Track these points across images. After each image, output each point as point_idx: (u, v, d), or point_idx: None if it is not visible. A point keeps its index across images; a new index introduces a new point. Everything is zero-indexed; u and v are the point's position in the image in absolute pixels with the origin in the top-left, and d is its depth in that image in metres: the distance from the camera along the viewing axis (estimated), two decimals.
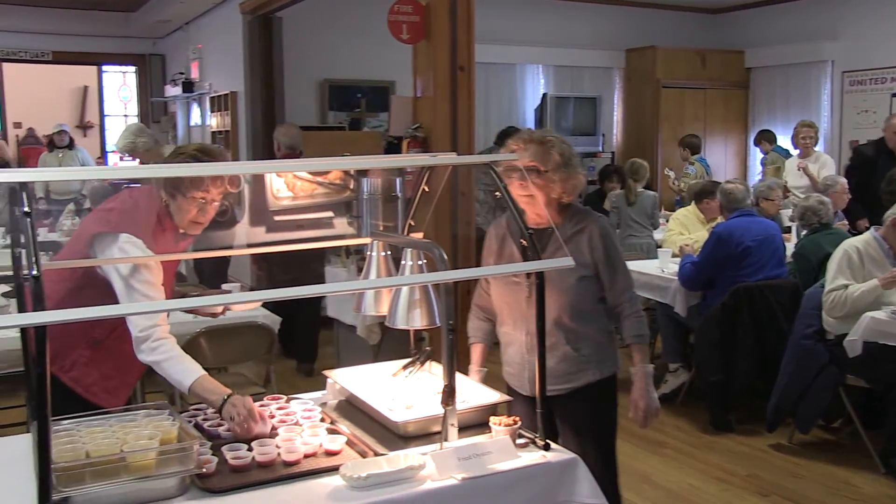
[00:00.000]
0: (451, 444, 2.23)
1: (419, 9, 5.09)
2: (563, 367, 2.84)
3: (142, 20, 11.25)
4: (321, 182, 3.27)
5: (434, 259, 2.30)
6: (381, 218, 3.75)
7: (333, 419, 2.52)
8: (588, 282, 2.83)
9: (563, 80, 10.54)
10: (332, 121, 8.95)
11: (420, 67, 5.26)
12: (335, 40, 8.80)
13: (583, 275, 2.81)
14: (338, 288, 4.51)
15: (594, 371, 2.87)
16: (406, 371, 2.71)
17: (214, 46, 9.74)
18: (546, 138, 2.82)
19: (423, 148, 5.16)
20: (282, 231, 3.15)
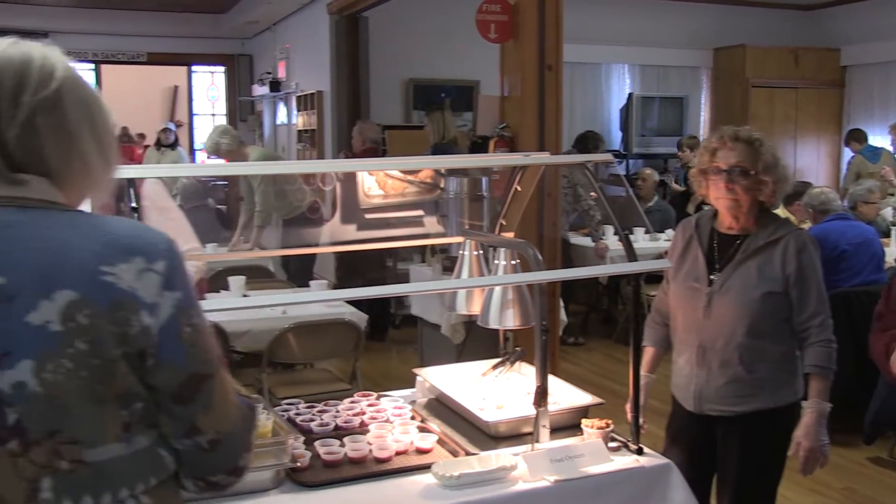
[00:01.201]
0: (543, 445, 2.21)
1: (507, 8, 5.06)
2: (731, 388, 2.60)
3: (231, 21, 11.50)
4: (412, 181, 3.29)
5: (528, 259, 2.29)
6: (468, 217, 3.74)
7: (423, 417, 2.52)
8: (775, 299, 2.57)
9: (650, 79, 10.40)
10: (416, 120, 9.00)
11: (507, 67, 5.24)
12: (420, 40, 8.84)
13: (769, 290, 2.56)
14: (433, 287, 4.50)
15: (767, 398, 2.59)
16: (496, 371, 2.69)
17: (301, 46, 9.89)
18: (754, 136, 2.58)
19: (509, 148, 5.13)
20: (372, 229, 3.19)
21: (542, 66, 5.04)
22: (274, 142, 11.19)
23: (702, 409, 2.65)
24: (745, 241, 2.61)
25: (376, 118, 8.53)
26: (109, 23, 11.57)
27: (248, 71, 12.41)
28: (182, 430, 1.30)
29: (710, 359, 2.61)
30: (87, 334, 1.19)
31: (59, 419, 1.19)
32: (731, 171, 2.54)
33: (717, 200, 2.61)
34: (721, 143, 2.59)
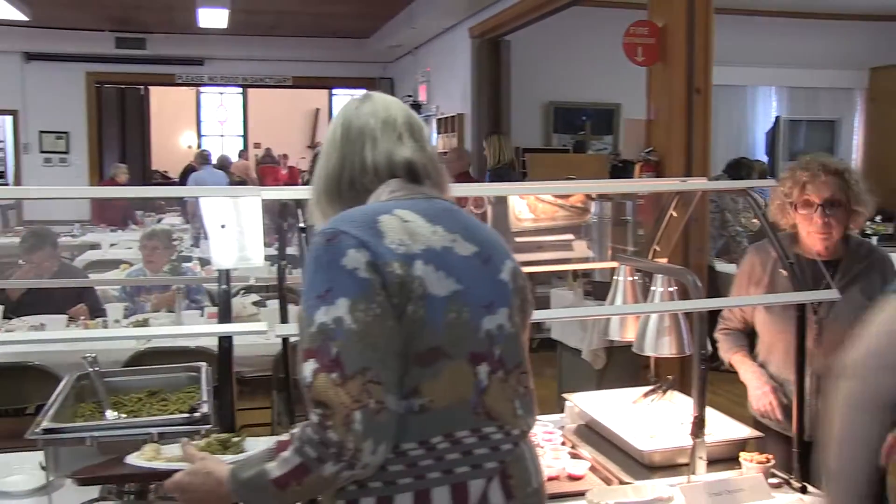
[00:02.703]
0: (700, 477, 2.16)
1: (655, 30, 5.01)
2: None
3: (374, 46, 11.82)
4: (562, 205, 3.29)
5: (688, 286, 2.25)
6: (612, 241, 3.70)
7: (574, 443, 2.51)
8: None
9: (798, 101, 10.05)
10: (556, 143, 9.00)
11: (654, 90, 5.18)
12: (561, 63, 8.84)
13: None
14: (592, 312, 4.45)
15: None
16: (648, 399, 2.65)
17: (442, 69, 10.06)
18: (843, 167, 2.60)
19: (656, 172, 5.06)
20: (521, 252, 3.20)
21: (690, 89, 4.96)
22: None
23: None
24: (838, 266, 2.58)
25: (516, 141, 8.58)
26: (258, 49, 12.10)
27: (389, 94, 12.66)
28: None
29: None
30: (520, 294, 1.63)
31: (520, 355, 1.59)
32: (824, 205, 2.52)
33: (809, 234, 2.58)
34: (811, 176, 2.57)
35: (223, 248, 2.20)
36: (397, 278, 1.41)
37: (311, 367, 1.36)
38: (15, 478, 2.27)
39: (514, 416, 1.54)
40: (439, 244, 1.49)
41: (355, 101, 1.68)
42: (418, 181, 1.60)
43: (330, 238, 1.45)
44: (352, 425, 1.33)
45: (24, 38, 11.18)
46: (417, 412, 1.43)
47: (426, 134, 1.68)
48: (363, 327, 1.37)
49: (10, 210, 10.96)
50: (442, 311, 1.45)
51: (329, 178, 1.63)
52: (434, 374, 1.44)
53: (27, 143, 11.92)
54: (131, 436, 1.94)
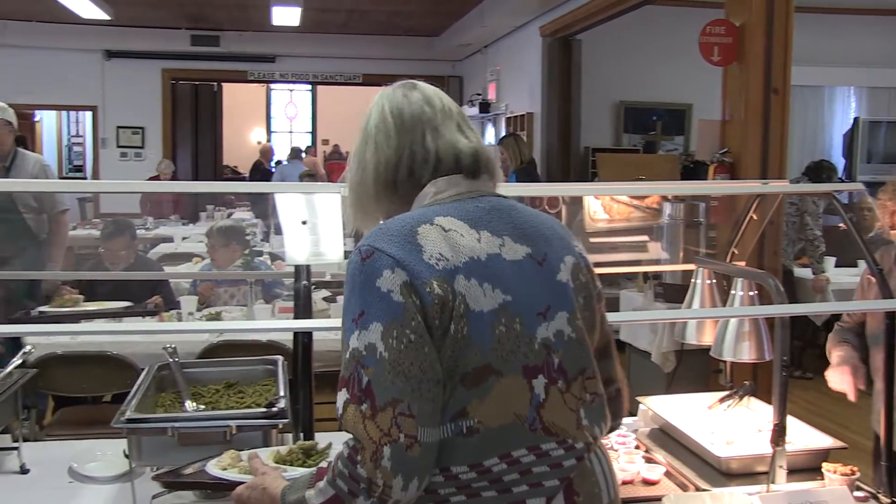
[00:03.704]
0: (780, 487, 2.11)
1: (733, 30, 4.92)
2: None
3: (444, 44, 11.84)
4: (637, 206, 3.25)
5: (769, 291, 2.20)
6: (683, 243, 3.63)
7: (648, 447, 2.47)
8: None
9: (878, 102, 9.75)
10: (626, 143, 8.90)
11: (730, 90, 5.08)
12: (632, 62, 8.74)
13: None
14: (671, 315, 4.40)
15: None
16: (724, 404, 2.60)
17: (512, 68, 10.03)
18: None
19: (730, 174, 4.96)
20: (595, 253, 3.17)
21: (767, 89, 4.86)
22: None
23: None
24: None
25: (586, 141, 8.52)
26: (328, 46, 12.21)
27: (458, 92, 12.71)
28: (606, 380, 1.58)
29: None
30: (584, 290, 1.52)
31: (585, 359, 1.48)
32: None
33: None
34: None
35: (302, 244, 2.21)
36: (436, 298, 1.32)
37: (343, 398, 1.31)
38: (98, 463, 2.33)
39: (578, 428, 1.44)
40: (484, 253, 1.39)
41: (399, 89, 1.57)
42: (478, 174, 1.51)
43: (365, 256, 1.36)
44: (380, 461, 1.26)
45: (105, 37, 11.48)
46: (465, 434, 1.34)
47: (470, 123, 1.61)
48: (396, 356, 1.29)
49: (87, 203, 11.26)
50: (489, 327, 1.35)
51: (383, 168, 1.51)
52: (482, 393, 1.35)
53: (105, 138, 12.24)
54: (210, 428, 1.97)
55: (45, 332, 2.81)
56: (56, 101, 12.41)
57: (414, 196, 1.50)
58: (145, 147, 12.30)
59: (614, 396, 1.60)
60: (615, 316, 2.05)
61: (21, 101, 11.43)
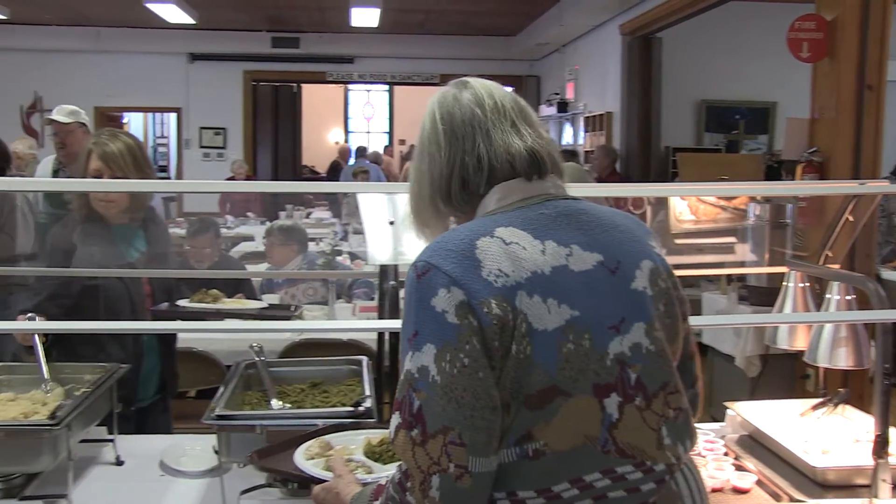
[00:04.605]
0: (883, 502, 2.02)
1: (823, 24, 4.77)
2: None
3: (521, 44, 11.79)
4: (724, 206, 3.17)
5: (869, 295, 2.11)
6: (769, 244, 3.53)
7: (738, 454, 2.41)
8: None
9: None
10: (707, 142, 8.73)
11: (820, 87, 4.93)
12: (715, 60, 8.57)
13: None
14: (764, 320, 4.31)
15: None
16: (817, 412, 2.52)
17: (590, 67, 9.93)
18: None
19: (819, 174, 4.82)
20: (680, 255, 3.10)
21: (861, 85, 4.71)
22: None
23: None
24: None
25: (666, 140, 8.38)
26: (406, 47, 12.29)
27: (536, 92, 12.65)
28: (688, 381, 1.50)
29: None
30: (664, 297, 1.40)
31: (666, 372, 1.37)
32: None
33: None
34: None
35: (386, 244, 2.22)
36: (495, 319, 1.23)
37: (395, 421, 1.26)
38: (188, 458, 2.37)
39: (658, 448, 1.33)
40: (548, 265, 1.29)
41: (451, 90, 1.47)
42: (542, 174, 1.41)
43: (420, 273, 1.28)
44: (429, 491, 1.22)
45: (189, 40, 11.77)
46: (532, 458, 1.26)
47: (533, 117, 1.47)
48: (448, 380, 1.22)
49: (171, 202, 11.55)
50: (554, 346, 1.26)
51: (437, 180, 1.43)
52: (548, 416, 1.26)
53: (188, 139, 12.54)
54: (297, 426, 1.99)
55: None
56: (143, 103, 12.77)
57: (476, 204, 1.42)
58: (227, 147, 12.56)
59: (692, 399, 1.51)
60: (704, 319, 2.00)
61: (111, 103, 11.84)
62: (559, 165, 1.45)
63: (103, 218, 2.76)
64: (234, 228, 9.06)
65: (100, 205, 2.72)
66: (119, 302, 2.73)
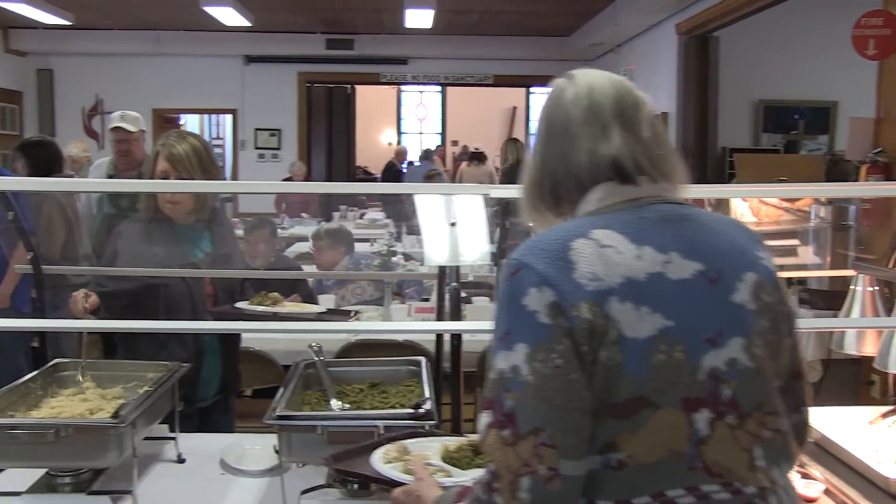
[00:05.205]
0: None
1: (892, 21, 4.65)
2: None
3: (575, 44, 11.72)
4: (787, 208, 3.11)
5: None
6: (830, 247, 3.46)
7: (803, 462, 2.35)
8: None
9: None
10: (765, 143, 8.58)
11: (886, 85, 4.81)
12: (773, 59, 8.41)
13: None
14: (832, 324, 4.21)
15: None
16: (887, 420, 2.45)
17: (645, 67, 9.82)
18: None
19: (884, 174, 4.70)
20: None
21: None
22: None
23: None
24: None
25: (723, 141, 8.26)
26: (460, 48, 12.29)
27: None
28: (794, 404, 1.43)
29: None
30: (769, 313, 1.33)
31: (764, 391, 1.30)
32: None
33: None
34: None
35: (443, 245, 2.21)
36: (585, 323, 1.21)
37: (485, 421, 1.25)
38: (248, 457, 2.39)
39: (750, 469, 1.27)
40: (644, 271, 1.25)
41: (559, 85, 1.43)
42: (630, 180, 1.35)
43: (512, 272, 1.27)
44: (517, 493, 1.19)
45: (245, 43, 11.91)
46: (615, 468, 1.24)
47: (644, 114, 1.40)
48: (541, 381, 1.20)
49: (227, 203, 11.71)
50: (645, 355, 1.22)
51: (533, 181, 1.42)
52: (634, 426, 1.23)
53: (244, 140, 12.69)
54: (358, 427, 2.00)
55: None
56: (199, 104, 12.96)
57: (570, 204, 1.39)
58: (281, 148, 12.69)
59: (798, 425, 1.45)
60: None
61: (168, 105, 12.04)
62: (657, 167, 1.38)
63: (170, 219, 2.81)
64: (288, 229, 9.15)
65: (166, 206, 2.77)
66: (180, 301, 2.77)
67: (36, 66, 12.08)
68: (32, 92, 12.09)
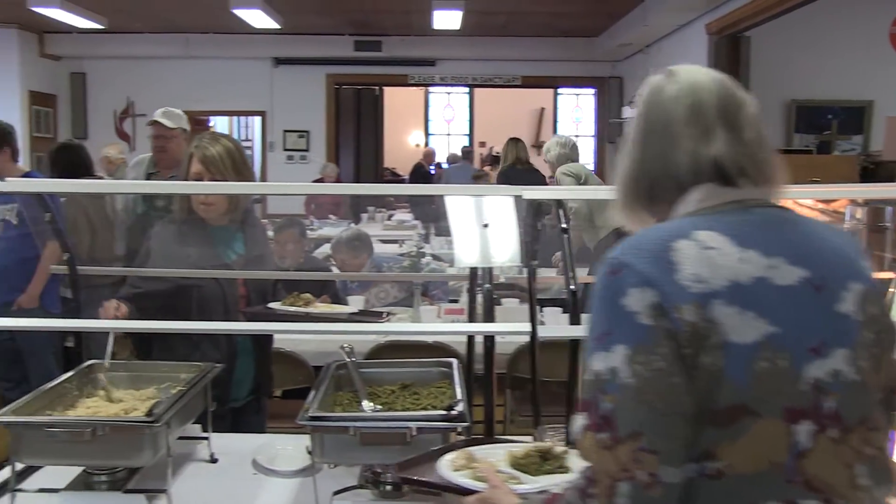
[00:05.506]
0: None
1: None
2: None
3: (604, 44, 11.66)
4: (822, 210, 3.08)
5: None
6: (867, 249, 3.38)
7: None
8: None
9: None
10: (797, 143, 8.49)
11: None
12: (806, 58, 8.31)
13: None
14: None
15: None
16: None
17: None
18: None
19: None
20: None
21: None
22: None
23: None
24: None
25: None
26: (488, 49, 12.27)
27: (618, 93, 12.50)
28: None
29: None
30: (874, 325, 1.29)
31: (867, 406, 1.26)
32: None
33: None
34: None
35: (474, 246, 2.21)
36: (688, 325, 1.18)
37: (582, 423, 1.22)
38: (280, 457, 2.40)
39: (852, 487, 1.23)
40: (750, 275, 1.21)
41: (658, 81, 1.40)
42: (732, 183, 1.31)
43: (612, 271, 1.24)
44: (615, 498, 1.17)
45: (274, 45, 11.97)
46: (712, 477, 1.20)
47: (747, 114, 1.35)
48: (641, 383, 1.17)
49: (256, 204, 11.78)
50: (748, 361, 1.19)
51: (628, 180, 1.39)
52: (734, 434, 1.19)
53: (272, 142, 12.76)
54: (390, 429, 2.00)
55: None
56: (229, 106, 13.04)
57: (668, 205, 1.35)
58: (310, 150, 12.74)
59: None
60: None
61: (198, 107, 12.11)
62: (760, 171, 1.33)
63: (204, 220, 2.83)
64: (317, 230, 9.19)
65: (200, 207, 2.79)
66: (212, 302, 2.79)
67: (69, 69, 12.23)
68: (66, 95, 12.24)
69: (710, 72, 1.40)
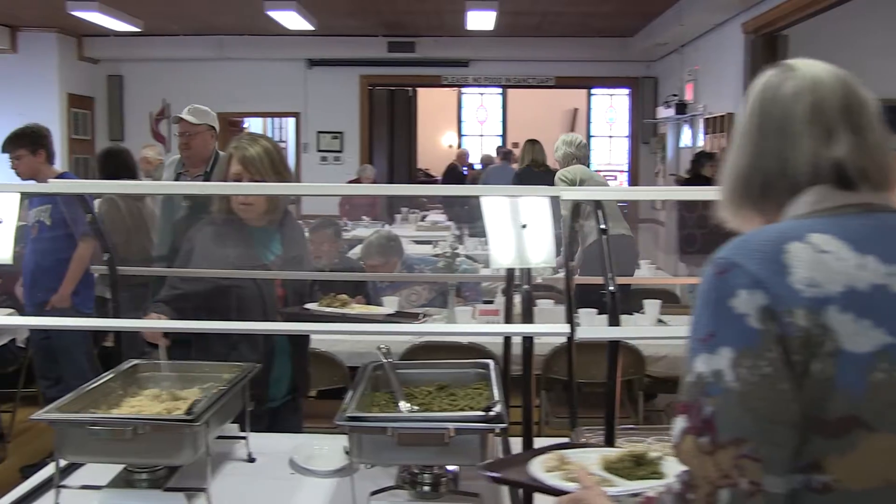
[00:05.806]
0: None
1: None
2: None
3: (638, 44, 11.59)
4: None
5: None
6: None
7: None
8: None
9: None
10: None
11: None
12: (846, 57, 7.99)
13: None
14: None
15: None
16: None
17: (711, 67, 9.68)
18: None
19: None
20: None
21: None
22: (676, 164, 11.08)
23: None
24: None
25: None
26: (521, 50, 12.26)
27: (653, 93, 12.43)
28: None
29: None
30: None
31: None
32: None
33: None
34: None
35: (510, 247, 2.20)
36: (800, 331, 1.12)
37: (681, 425, 1.17)
38: (317, 457, 2.42)
39: None
40: (867, 282, 1.15)
41: (776, 76, 1.33)
42: (851, 187, 1.24)
43: (720, 271, 1.18)
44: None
45: (308, 47, 12.05)
46: (818, 491, 1.14)
47: (871, 114, 1.29)
48: (747, 388, 1.12)
49: (290, 205, 11.85)
50: (863, 372, 1.12)
51: (738, 177, 1.31)
52: (844, 447, 1.13)
53: (306, 143, 12.83)
54: (428, 429, 2.00)
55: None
56: (263, 108, 13.13)
57: (779, 206, 1.28)
58: (343, 151, 12.80)
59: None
60: None
61: (232, 109, 12.23)
62: (881, 175, 1.26)
63: (243, 220, 2.85)
64: (350, 231, 9.23)
65: (240, 208, 2.81)
66: (250, 303, 2.81)
67: (107, 72, 12.39)
68: (103, 97, 12.40)
69: (831, 67, 1.35)
